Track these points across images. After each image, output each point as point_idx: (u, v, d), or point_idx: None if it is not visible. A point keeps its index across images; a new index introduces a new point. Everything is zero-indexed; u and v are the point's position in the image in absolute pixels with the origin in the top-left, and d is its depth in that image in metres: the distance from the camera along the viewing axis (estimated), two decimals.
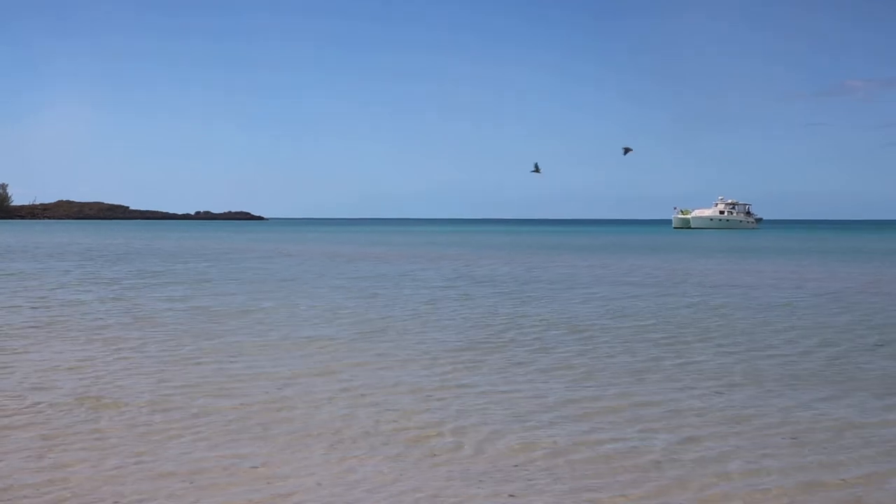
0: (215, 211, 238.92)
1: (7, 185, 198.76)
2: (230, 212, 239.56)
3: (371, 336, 15.57)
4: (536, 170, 39.26)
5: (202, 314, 18.61)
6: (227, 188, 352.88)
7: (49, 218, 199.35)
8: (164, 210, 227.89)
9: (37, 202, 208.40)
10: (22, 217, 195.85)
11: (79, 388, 10.98)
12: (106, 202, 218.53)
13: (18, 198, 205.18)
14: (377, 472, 7.69)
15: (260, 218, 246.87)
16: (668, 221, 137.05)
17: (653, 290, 25.27)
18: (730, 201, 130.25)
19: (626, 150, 35.98)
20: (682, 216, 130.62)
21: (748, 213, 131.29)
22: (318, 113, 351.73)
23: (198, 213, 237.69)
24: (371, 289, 25.19)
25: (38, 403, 10.13)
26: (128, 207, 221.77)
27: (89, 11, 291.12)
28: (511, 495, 7.20)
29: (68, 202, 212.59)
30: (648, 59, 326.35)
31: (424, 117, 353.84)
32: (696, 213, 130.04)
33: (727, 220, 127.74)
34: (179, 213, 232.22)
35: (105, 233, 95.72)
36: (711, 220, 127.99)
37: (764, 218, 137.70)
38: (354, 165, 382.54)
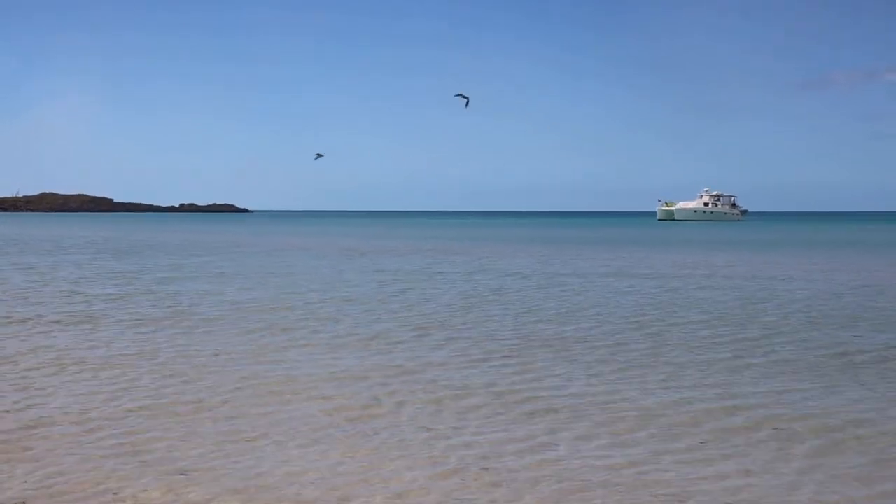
0: (200, 203, 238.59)
1: None
2: (215, 204, 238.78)
3: (425, 332, 15.46)
4: (319, 156, 39.75)
5: (240, 309, 18.41)
6: (211, 180, 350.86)
7: (32, 210, 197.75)
8: (149, 202, 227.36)
9: (20, 194, 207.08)
10: (5, 209, 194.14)
11: (153, 386, 10.80)
12: (89, 194, 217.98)
13: (1, 189, 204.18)
14: (475, 476, 7.55)
15: (245, 210, 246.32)
16: (652, 213, 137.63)
17: (679, 283, 25.31)
18: (714, 193, 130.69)
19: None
20: (667, 208, 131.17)
21: (733, 205, 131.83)
22: (310, 106, 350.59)
23: (182, 205, 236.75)
24: (399, 283, 25.11)
25: (121, 405, 9.93)
26: (112, 200, 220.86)
27: (82, 6, 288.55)
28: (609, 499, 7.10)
29: (52, 194, 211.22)
30: (641, 52, 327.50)
31: (424, 112, 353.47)
32: (681, 205, 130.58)
33: (711, 212, 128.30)
34: (164, 205, 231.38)
35: (98, 226, 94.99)
36: (695, 212, 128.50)
37: (750, 209, 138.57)
38: (342, 158, 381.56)
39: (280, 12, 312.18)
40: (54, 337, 14.63)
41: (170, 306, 18.91)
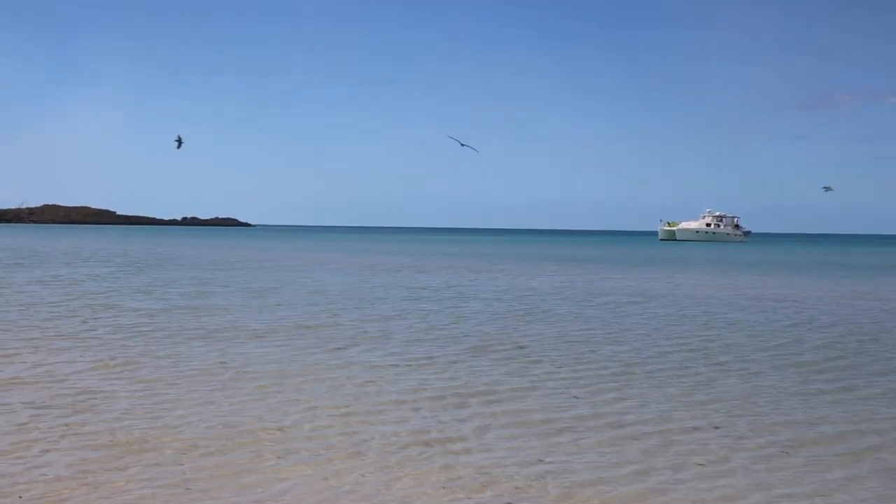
0: (202, 217, 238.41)
1: None
2: (217, 218, 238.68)
3: (481, 352, 15.29)
4: (179, 142, 39.37)
5: (286, 327, 18.17)
6: (212, 194, 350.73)
7: (35, 222, 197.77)
8: (151, 215, 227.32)
9: (24, 206, 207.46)
10: (8, 221, 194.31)
11: (227, 406, 10.60)
12: (92, 207, 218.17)
13: (3, 201, 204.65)
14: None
15: (247, 224, 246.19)
16: (653, 233, 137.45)
17: (724, 307, 25.23)
18: (717, 214, 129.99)
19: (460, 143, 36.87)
20: (669, 228, 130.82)
21: (736, 226, 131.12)
22: (313, 120, 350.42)
23: (185, 218, 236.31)
24: (434, 301, 24.95)
25: (201, 425, 9.76)
26: (114, 212, 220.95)
27: (80, 14, 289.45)
28: None
29: (54, 206, 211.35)
30: (644, 71, 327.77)
31: (428, 129, 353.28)
32: (683, 225, 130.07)
33: (713, 233, 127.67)
34: (166, 218, 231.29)
35: (107, 238, 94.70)
36: (697, 232, 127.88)
37: (753, 230, 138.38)
38: (345, 173, 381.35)
39: (282, 26, 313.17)
40: (107, 353, 14.43)
41: (214, 322, 18.76)
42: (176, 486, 7.64)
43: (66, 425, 9.57)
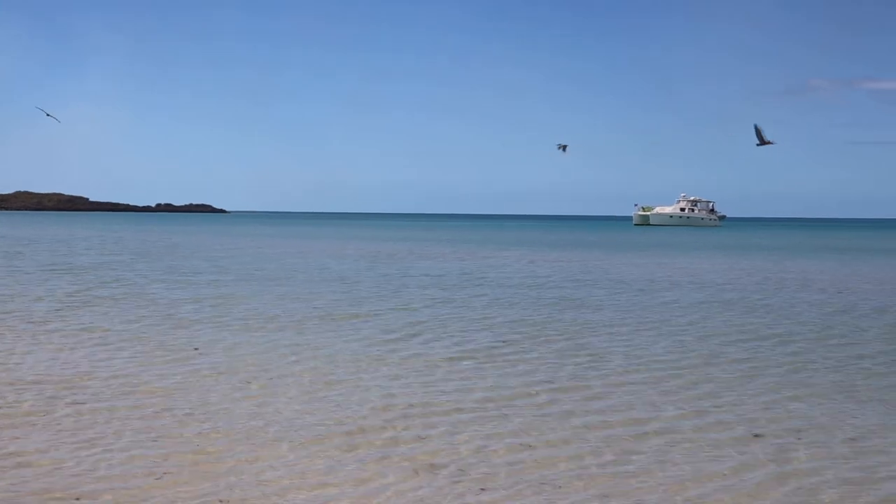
0: (176, 203, 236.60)
1: None
2: (192, 204, 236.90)
3: (527, 342, 15.10)
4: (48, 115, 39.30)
5: (323, 318, 17.88)
6: (185, 180, 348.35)
7: (6, 209, 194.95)
8: (125, 202, 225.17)
9: None
10: None
11: (311, 406, 10.37)
12: (65, 193, 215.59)
13: None
14: None
15: (222, 210, 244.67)
16: (624, 218, 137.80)
17: (743, 293, 25.23)
18: (692, 198, 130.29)
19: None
20: (643, 213, 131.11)
21: (711, 211, 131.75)
22: (286, 109, 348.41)
23: (158, 205, 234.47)
24: (453, 288, 24.79)
25: (298, 424, 9.50)
26: (87, 199, 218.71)
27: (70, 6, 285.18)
28: None
29: (27, 193, 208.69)
30: (624, 57, 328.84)
31: (397, 116, 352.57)
32: (658, 209, 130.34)
33: (688, 218, 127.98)
34: (140, 205, 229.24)
35: (89, 225, 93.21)
36: (671, 217, 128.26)
37: (728, 215, 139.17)
38: (318, 161, 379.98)
39: (261, 18, 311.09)
40: (151, 345, 14.12)
41: (247, 312, 18.46)
42: (266, 484, 7.48)
43: (142, 418, 9.43)
